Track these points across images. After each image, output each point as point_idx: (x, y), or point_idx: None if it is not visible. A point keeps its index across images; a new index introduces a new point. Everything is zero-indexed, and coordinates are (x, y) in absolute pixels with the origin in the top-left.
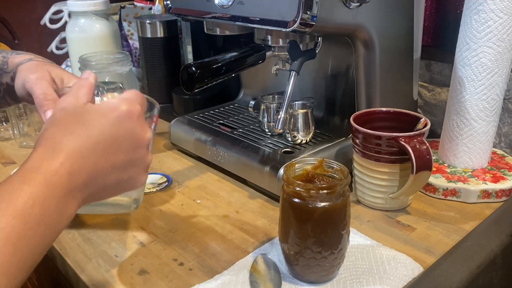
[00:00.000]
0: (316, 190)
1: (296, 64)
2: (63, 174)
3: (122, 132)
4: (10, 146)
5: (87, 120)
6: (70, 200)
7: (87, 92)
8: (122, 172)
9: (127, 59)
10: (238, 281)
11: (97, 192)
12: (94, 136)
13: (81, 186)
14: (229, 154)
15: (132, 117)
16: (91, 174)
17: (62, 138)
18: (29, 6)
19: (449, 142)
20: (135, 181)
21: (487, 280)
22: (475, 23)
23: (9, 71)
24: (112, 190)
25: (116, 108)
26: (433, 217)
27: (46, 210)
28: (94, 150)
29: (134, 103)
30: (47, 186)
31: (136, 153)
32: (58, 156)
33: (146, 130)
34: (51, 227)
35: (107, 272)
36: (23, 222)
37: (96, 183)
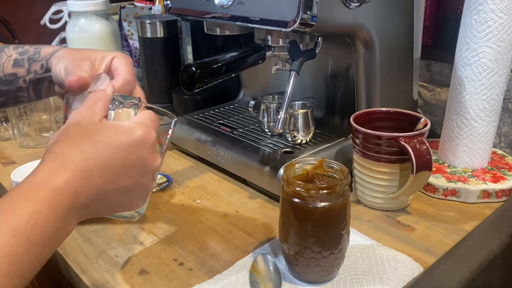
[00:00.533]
0: (316, 190)
1: (296, 64)
2: (68, 193)
3: (133, 158)
4: (10, 146)
5: (101, 140)
6: (70, 219)
7: (103, 107)
8: (124, 196)
9: None
10: (238, 281)
11: (96, 212)
12: (105, 158)
13: (83, 206)
14: (229, 154)
15: (146, 145)
16: (95, 195)
17: (71, 155)
18: (29, 6)
19: (449, 142)
20: (134, 204)
21: (487, 280)
22: (475, 23)
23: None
24: (110, 210)
25: (132, 132)
26: (433, 217)
27: (46, 230)
28: (103, 172)
29: (150, 129)
30: (51, 205)
31: (142, 179)
32: (66, 174)
33: (157, 158)
34: (48, 246)
35: (107, 272)
36: (22, 243)
37: (98, 204)
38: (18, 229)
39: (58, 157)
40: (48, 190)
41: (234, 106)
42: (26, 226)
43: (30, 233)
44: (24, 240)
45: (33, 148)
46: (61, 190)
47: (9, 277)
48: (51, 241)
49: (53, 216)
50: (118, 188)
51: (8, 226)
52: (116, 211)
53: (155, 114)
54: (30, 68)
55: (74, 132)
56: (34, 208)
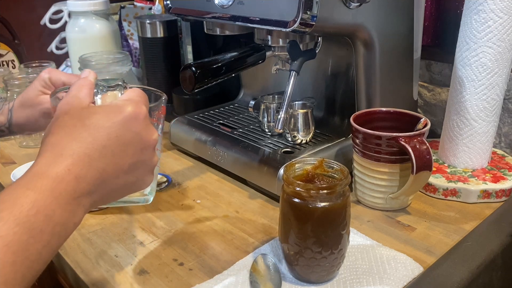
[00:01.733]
0: (316, 190)
1: (296, 64)
2: (70, 180)
3: (128, 135)
4: (10, 146)
5: (92, 124)
6: (76, 208)
7: (88, 93)
8: (128, 175)
9: (127, 59)
10: (238, 281)
11: (103, 197)
12: (101, 140)
13: (88, 192)
14: (229, 154)
15: (138, 119)
16: (98, 179)
17: (68, 144)
18: (29, 6)
19: (449, 142)
20: (141, 183)
21: (487, 280)
22: (475, 23)
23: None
24: (118, 194)
25: (122, 110)
26: (433, 217)
27: (51, 218)
28: (101, 155)
29: (139, 104)
30: (53, 193)
31: (143, 155)
32: (65, 162)
33: (153, 131)
34: (55, 236)
35: (107, 272)
36: (26, 231)
37: (103, 188)
38: (20, 218)
39: (55, 148)
40: (49, 179)
41: (234, 106)
42: (28, 214)
43: (32, 221)
44: (27, 228)
45: (33, 148)
46: (62, 177)
47: (15, 266)
48: (59, 230)
49: (57, 204)
50: (120, 168)
51: (11, 215)
52: (125, 193)
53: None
54: None
55: (65, 121)
56: (35, 196)
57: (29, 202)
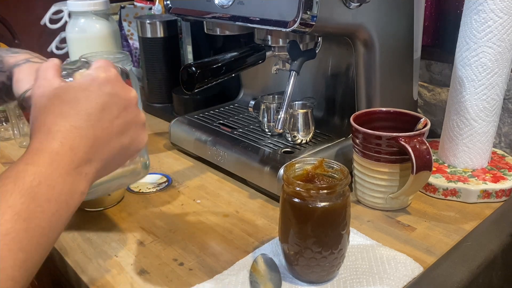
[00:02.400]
0: (316, 190)
1: (296, 64)
2: (65, 152)
3: (107, 98)
4: (10, 146)
5: (70, 98)
6: (78, 177)
7: (55, 73)
8: (121, 137)
9: (127, 59)
10: (238, 281)
11: (105, 164)
12: (83, 110)
13: (86, 160)
14: (229, 154)
15: (111, 81)
16: (93, 146)
17: (54, 121)
18: (29, 6)
19: (449, 142)
20: (137, 142)
21: (487, 280)
22: (475, 23)
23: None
24: (118, 158)
25: (94, 78)
26: (433, 217)
27: (54, 188)
28: (88, 123)
29: (108, 68)
30: (52, 165)
31: (128, 114)
32: (56, 137)
33: (129, 89)
34: (62, 204)
35: (107, 272)
36: (32, 200)
37: (101, 154)
38: (25, 189)
39: (42, 128)
40: (45, 153)
41: (234, 106)
42: (31, 185)
43: (36, 191)
44: (32, 197)
45: None
46: (57, 150)
47: (28, 233)
48: (65, 199)
49: (58, 175)
50: (111, 131)
51: (15, 187)
52: (125, 155)
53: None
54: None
55: (43, 103)
56: (35, 169)
57: (30, 174)
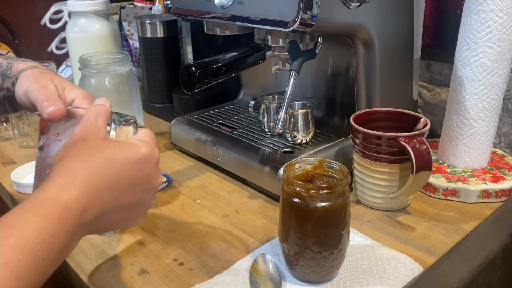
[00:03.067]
0: (316, 190)
1: (296, 64)
2: (77, 210)
3: (139, 175)
4: (10, 146)
5: (109, 157)
6: (76, 236)
7: (104, 121)
8: (126, 212)
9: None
10: (238, 281)
11: (98, 228)
12: (114, 175)
13: (87, 223)
14: (229, 154)
15: (151, 162)
16: (101, 212)
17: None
18: (29, 6)
19: (449, 142)
20: (134, 220)
21: (487, 280)
22: (475, 23)
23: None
24: (111, 227)
25: (138, 150)
26: (433, 217)
27: (54, 246)
28: (110, 189)
29: (153, 147)
30: (60, 221)
31: (145, 196)
32: (75, 191)
33: (159, 175)
34: (54, 262)
35: (107, 272)
36: (30, 259)
37: (102, 220)
38: (27, 245)
39: (67, 174)
40: (58, 206)
41: (234, 106)
42: (34, 242)
43: (37, 249)
44: (31, 256)
45: (33, 148)
46: (70, 206)
47: None
48: (58, 258)
49: (62, 233)
50: (122, 204)
51: (17, 242)
52: (117, 227)
53: (152, 132)
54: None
55: (82, 149)
56: (43, 224)
57: (36, 229)
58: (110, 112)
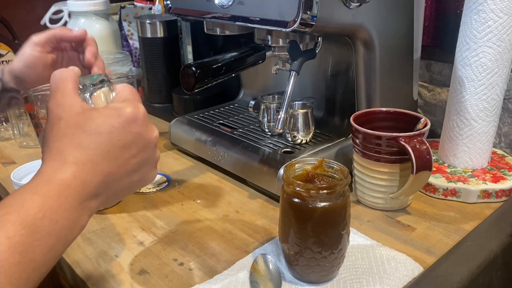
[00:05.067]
0: (316, 190)
1: (296, 64)
2: (76, 185)
3: (129, 137)
4: (10, 146)
5: (93, 130)
6: (82, 211)
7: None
8: (133, 175)
9: (127, 59)
10: (238, 281)
11: (109, 198)
12: (103, 145)
13: (93, 195)
14: (229, 154)
15: (138, 120)
16: (104, 182)
17: (71, 151)
18: (29, 6)
19: (449, 142)
20: (146, 179)
21: (487, 280)
22: (475, 23)
23: None
24: (124, 193)
25: (121, 114)
26: (433, 217)
27: (57, 223)
28: (105, 159)
29: (136, 103)
30: (60, 198)
31: (145, 154)
32: (70, 169)
33: (153, 129)
34: (61, 239)
35: (107, 272)
36: (32, 233)
37: (109, 190)
38: (27, 221)
39: (57, 156)
40: (55, 185)
41: (234, 106)
42: (35, 218)
43: (39, 224)
44: (33, 231)
45: (33, 148)
46: (68, 184)
47: (21, 267)
48: (64, 234)
49: (63, 209)
50: (125, 169)
51: (18, 217)
52: (130, 191)
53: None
54: None
55: (62, 129)
56: (42, 201)
57: (36, 206)
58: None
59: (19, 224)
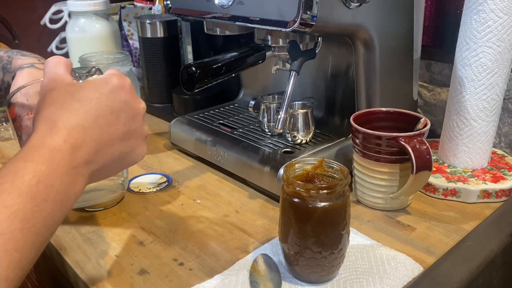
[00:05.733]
0: (316, 190)
1: (296, 64)
2: (67, 150)
3: (118, 104)
4: (10, 146)
5: (83, 96)
6: (76, 177)
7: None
8: (123, 144)
9: (127, 59)
10: (238, 281)
11: (102, 167)
12: (93, 110)
13: (86, 161)
14: (229, 154)
15: (124, 88)
16: (94, 148)
17: (61, 116)
18: (29, 6)
19: (449, 142)
20: (136, 152)
21: (487, 280)
22: (475, 23)
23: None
24: (115, 165)
25: (108, 82)
26: (433, 217)
27: (52, 187)
28: (95, 124)
29: (121, 75)
30: (51, 163)
31: (134, 124)
32: (60, 133)
33: (140, 100)
34: (57, 205)
35: (107, 272)
36: (29, 200)
37: (100, 156)
38: (23, 188)
39: (48, 121)
40: (46, 150)
41: (234, 106)
42: (30, 184)
43: (34, 191)
44: (29, 197)
45: None
46: (58, 148)
47: (24, 233)
48: (61, 199)
49: (56, 174)
50: (114, 136)
51: (13, 186)
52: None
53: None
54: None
55: (54, 97)
56: (34, 167)
57: (29, 173)
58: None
59: (15, 192)
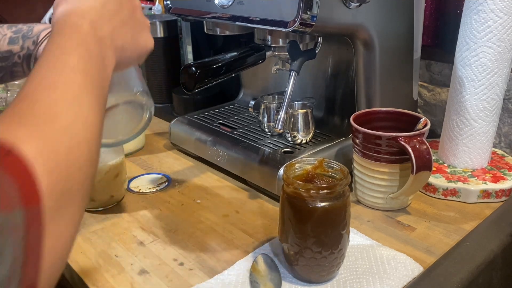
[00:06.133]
0: (316, 190)
1: (296, 64)
2: (88, 24)
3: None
4: None
5: None
6: (104, 48)
7: None
8: (132, 30)
9: None
10: (238, 281)
11: (121, 47)
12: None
13: (107, 35)
14: (229, 154)
15: None
16: (109, 25)
17: (75, 5)
18: (29, 6)
19: (449, 142)
20: (145, 39)
21: (487, 280)
22: (475, 23)
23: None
24: (131, 48)
25: None
26: (433, 217)
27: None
28: (104, 8)
29: None
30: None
31: (136, 15)
32: (79, 12)
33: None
34: (101, 69)
35: (107, 272)
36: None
37: (116, 34)
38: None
39: (64, 13)
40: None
41: (234, 106)
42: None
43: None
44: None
45: None
46: (80, 23)
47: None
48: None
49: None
50: (123, 19)
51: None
52: (135, 48)
53: None
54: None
55: None
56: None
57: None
58: None
59: (76, 71)
